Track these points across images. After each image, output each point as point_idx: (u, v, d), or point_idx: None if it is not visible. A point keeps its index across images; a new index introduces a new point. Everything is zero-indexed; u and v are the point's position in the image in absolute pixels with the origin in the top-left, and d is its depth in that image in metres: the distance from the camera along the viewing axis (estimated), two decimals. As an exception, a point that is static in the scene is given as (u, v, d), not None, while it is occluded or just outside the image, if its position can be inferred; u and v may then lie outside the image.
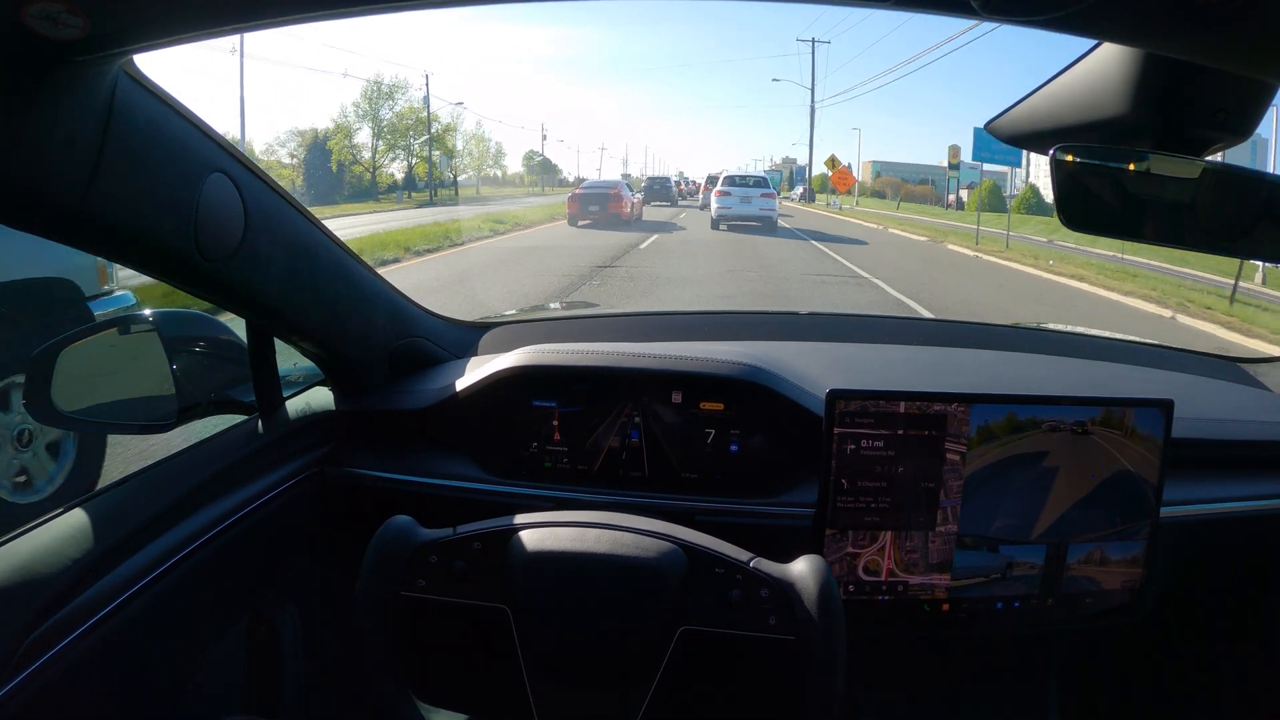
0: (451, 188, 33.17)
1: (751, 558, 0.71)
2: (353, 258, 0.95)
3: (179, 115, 0.65)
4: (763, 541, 0.80)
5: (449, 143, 35.81)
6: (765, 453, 0.98)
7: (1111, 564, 0.85)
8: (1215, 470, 1.03)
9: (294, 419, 0.97)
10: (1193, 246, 0.68)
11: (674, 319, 1.45)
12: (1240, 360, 1.35)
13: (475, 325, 1.31)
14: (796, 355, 1.11)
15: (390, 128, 32.69)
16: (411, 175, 32.70)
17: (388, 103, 32.56)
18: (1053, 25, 0.42)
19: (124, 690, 0.72)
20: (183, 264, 0.70)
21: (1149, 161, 0.64)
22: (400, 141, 32.99)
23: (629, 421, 0.99)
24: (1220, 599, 1.11)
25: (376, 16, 0.49)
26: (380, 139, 32.35)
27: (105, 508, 0.73)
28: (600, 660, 0.70)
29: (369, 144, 32.18)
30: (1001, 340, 1.39)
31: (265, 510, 0.89)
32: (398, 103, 32.71)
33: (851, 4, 0.47)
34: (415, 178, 32.76)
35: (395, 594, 0.71)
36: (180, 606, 0.77)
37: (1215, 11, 0.40)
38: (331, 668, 1.04)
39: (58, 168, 0.55)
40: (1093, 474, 0.83)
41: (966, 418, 0.82)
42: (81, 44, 0.48)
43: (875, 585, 0.84)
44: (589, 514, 0.76)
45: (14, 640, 0.61)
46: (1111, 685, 1.16)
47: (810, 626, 0.67)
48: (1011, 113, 0.72)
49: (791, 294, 7.84)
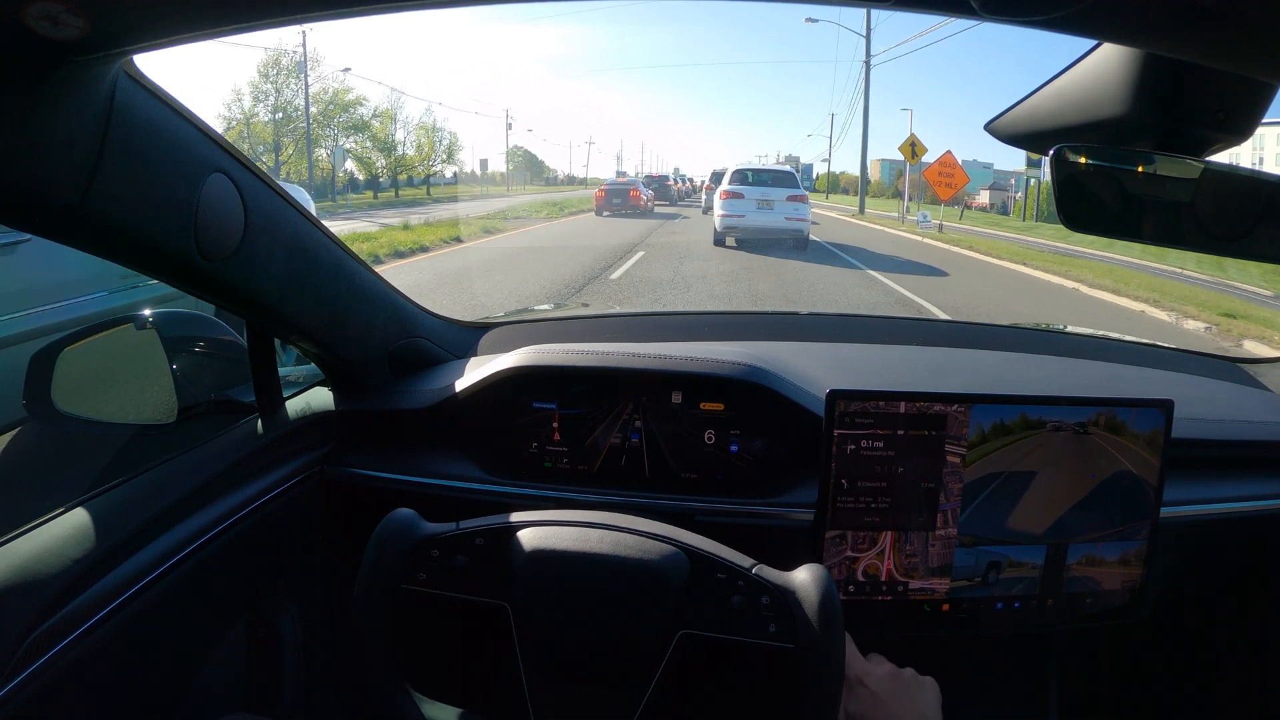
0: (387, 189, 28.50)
1: (754, 564, 0.71)
2: (353, 258, 0.95)
3: (179, 115, 0.65)
4: (762, 542, 0.80)
5: (380, 132, 29.61)
6: (765, 453, 0.98)
7: (1111, 564, 0.85)
8: (1215, 470, 1.03)
9: (294, 419, 0.97)
10: (1193, 247, 0.68)
11: (674, 319, 1.45)
12: (1240, 360, 1.35)
13: (475, 325, 1.31)
14: (797, 355, 1.11)
15: (291, 114, 26.25)
16: (330, 175, 27.86)
17: (291, 82, 26.28)
18: (1053, 25, 0.42)
19: (124, 690, 0.72)
20: (182, 264, 0.70)
21: (1149, 162, 0.65)
22: (319, 132, 27.18)
23: (629, 422, 0.99)
24: (1220, 599, 1.11)
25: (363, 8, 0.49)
26: (285, 131, 26.25)
27: (105, 508, 0.73)
28: (598, 660, 0.70)
29: (269, 136, 26.08)
30: (1002, 341, 1.39)
31: (265, 510, 0.89)
32: (310, 83, 26.40)
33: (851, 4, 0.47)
34: (355, 178, 28.79)
35: (396, 587, 0.71)
36: (181, 606, 0.77)
37: (1215, 11, 0.40)
38: (332, 667, 1.04)
39: (57, 168, 0.55)
40: (1093, 474, 0.83)
41: (967, 418, 0.82)
42: (81, 44, 0.48)
43: (875, 587, 0.84)
44: (592, 514, 0.76)
45: (14, 640, 0.61)
46: (1111, 685, 1.16)
47: (810, 635, 0.67)
48: (1011, 113, 0.72)
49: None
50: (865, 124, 28.41)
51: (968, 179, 16.73)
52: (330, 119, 28.46)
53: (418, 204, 23.41)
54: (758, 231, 11.18)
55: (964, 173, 15.62)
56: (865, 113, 28.21)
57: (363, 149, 29.88)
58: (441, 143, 32.46)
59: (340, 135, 28.84)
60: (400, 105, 41.38)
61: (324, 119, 28.23)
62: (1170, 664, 1.16)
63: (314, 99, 27.45)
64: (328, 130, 28.43)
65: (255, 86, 26.65)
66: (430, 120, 41.56)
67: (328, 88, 28.04)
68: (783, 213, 11.17)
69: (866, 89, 25.50)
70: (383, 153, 30.16)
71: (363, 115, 29.31)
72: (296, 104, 26.87)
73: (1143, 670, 1.16)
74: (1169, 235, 0.67)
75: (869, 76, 25.47)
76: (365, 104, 29.34)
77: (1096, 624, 0.87)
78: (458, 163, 35.06)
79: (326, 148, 28.25)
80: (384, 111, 30.46)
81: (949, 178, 15.26)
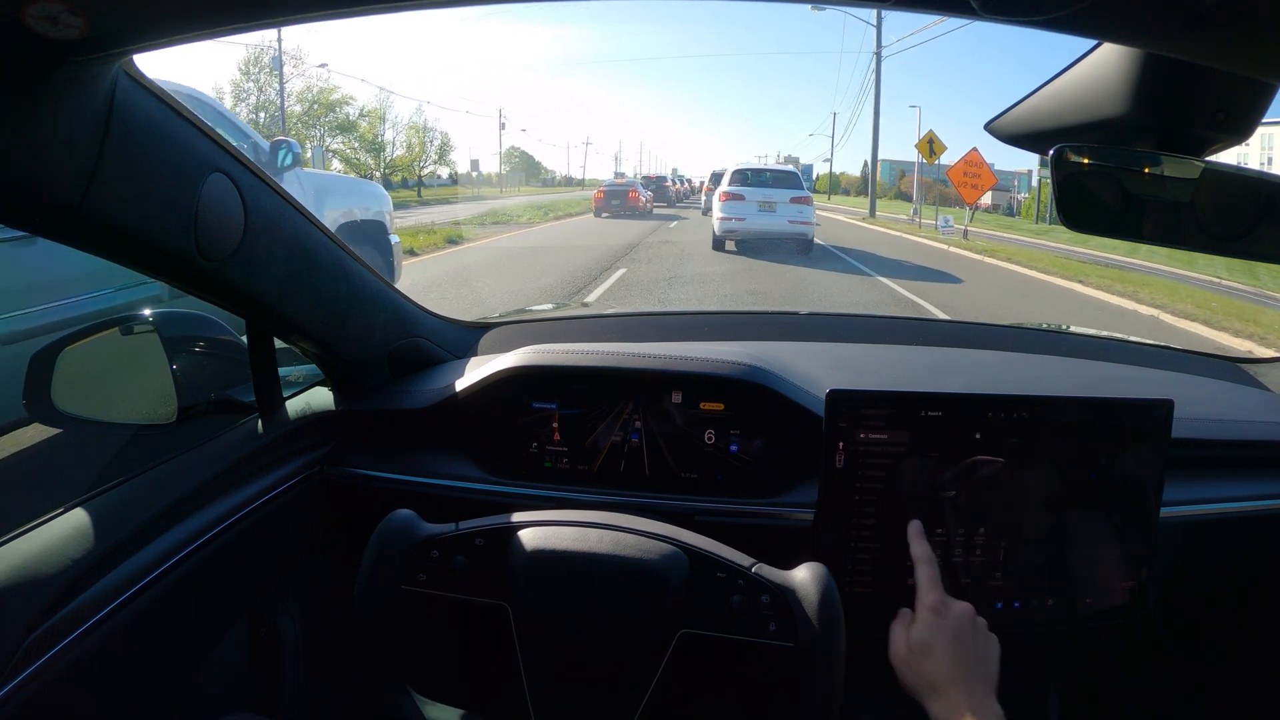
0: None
1: (753, 563, 0.71)
2: (353, 258, 0.95)
3: (179, 115, 0.65)
4: (762, 542, 0.80)
5: (368, 132, 28.69)
6: (765, 453, 0.98)
7: (1111, 564, 0.85)
8: (1215, 470, 1.03)
9: (294, 419, 0.98)
10: (1192, 247, 0.68)
11: (674, 319, 1.45)
12: (1240, 360, 1.35)
13: (475, 325, 1.31)
14: (797, 355, 1.11)
15: (274, 113, 24.73)
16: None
17: (275, 80, 25.17)
18: (1053, 25, 0.42)
19: (124, 690, 0.72)
20: (182, 264, 0.70)
21: (1149, 162, 0.65)
22: (305, 132, 25.83)
23: (629, 421, 0.99)
24: (1220, 599, 1.11)
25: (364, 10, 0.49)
26: (267, 130, 23.29)
27: (105, 508, 0.73)
28: (599, 660, 0.70)
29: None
30: (1002, 340, 1.39)
31: (265, 510, 0.89)
32: (292, 80, 25.37)
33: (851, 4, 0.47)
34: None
35: (396, 588, 0.71)
36: (181, 606, 0.77)
37: (1215, 12, 0.40)
38: (332, 667, 1.04)
39: (57, 167, 0.55)
40: (1093, 474, 0.83)
41: (967, 418, 0.82)
42: (81, 44, 0.48)
43: (875, 586, 0.84)
44: (592, 514, 0.76)
45: (14, 640, 0.61)
46: (1111, 685, 1.16)
47: (810, 634, 0.67)
48: (1011, 113, 0.72)
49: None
50: (876, 117, 24.84)
51: (995, 180, 15.35)
52: (315, 119, 27.63)
53: (405, 206, 22.63)
54: (759, 235, 10.56)
55: (991, 173, 14.26)
56: (876, 106, 24.35)
57: (350, 149, 28.80)
58: (433, 143, 31.46)
59: (326, 135, 27.83)
60: (389, 104, 40.04)
61: (309, 118, 27.36)
62: (1170, 664, 1.15)
63: (298, 98, 26.80)
64: (314, 130, 27.54)
65: (237, 85, 26.00)
66: (421, 120, 38.52)
67: (312, 86, 27.33)
68: (786, 215, 10.56)
69: (878, 80, 23.80)
70: (371, 153, 29.34)
71: (349, 115, 28.51)
72: (280, 103, 26.18)
73: (1143, 670, 1.16)
74: (1169, 235, 0.67)
75: (880, 68, 23.84)
76: (352, 103, 28.58)
77: (1096, 624, 0.87)
78: (449, 163, 33.78)
79: (310, 148, 27.15)
80: (371, 111, 29.53)
81: (975, 178, 13.92)
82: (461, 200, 29.46)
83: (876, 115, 24.25)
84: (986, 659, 0.72)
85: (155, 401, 0.87)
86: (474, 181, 41.29)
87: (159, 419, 0.87)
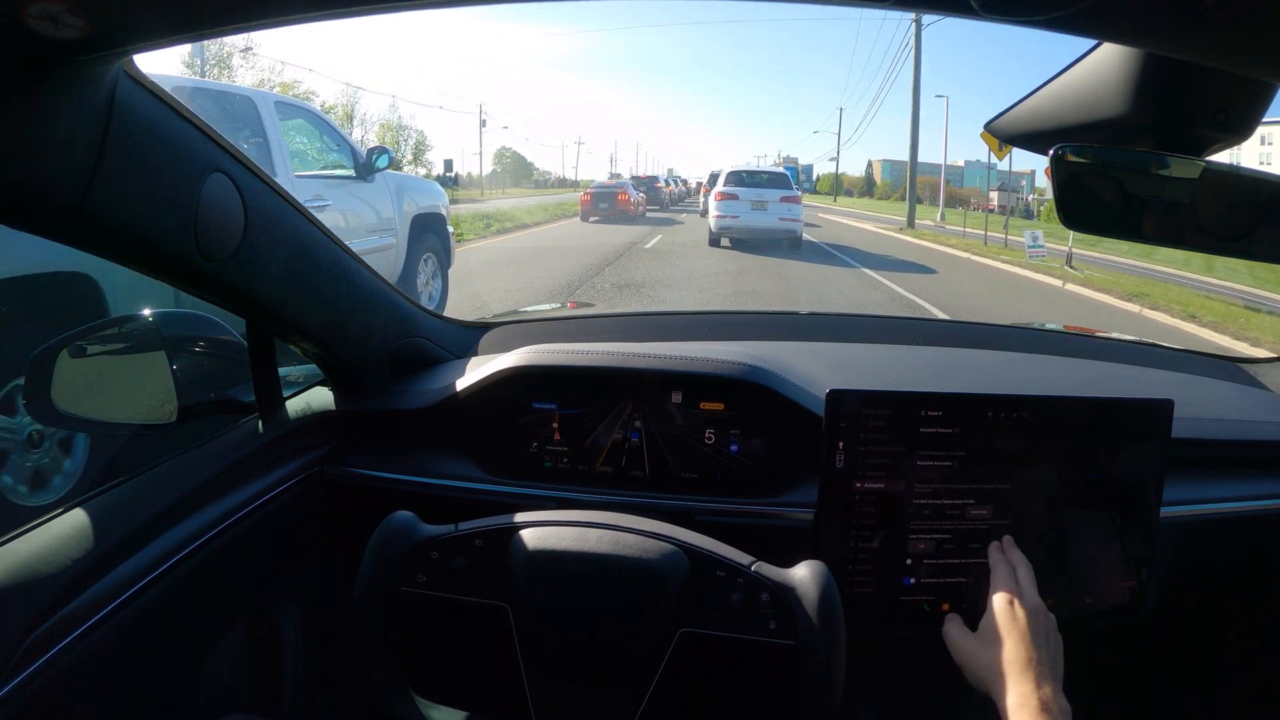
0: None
1: (753, 561, 0.71)
2: (353, 258, 0.95)
3: (179, 115, 0.65)
4: (762, 542, 0.80)
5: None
6: (765, 453, 0.98)
7: (1112, 564, 0.85)
8: (1215, 470, 1.03)
9: (294, 419, 0.98)
10: (1193, 247, 0.68)
11: (674, 319, 1.45)
12: (1240, 360, 1.35)
13: (475, 325, 1.31)
14: (797, 355, 1.11)
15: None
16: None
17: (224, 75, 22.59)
18: (1053, 25, 0.42)
19: (124, 690, 0.72)
20: (182, 264, 0.70)
21: (1149, 162, 0.65)
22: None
23: (629, 421, 0.99)
24: (1220, 599, 1.11)
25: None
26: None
27: (105, 508, 0.73)
28: (599, 660, 0.70)
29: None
30: (1002, 340, 1.39)
31: (265, 510, 0.89)
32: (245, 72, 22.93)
33: (851, 4, 0.47)
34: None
35: (395, 589, 0.71)
36: (181, 606, 0.77)
37: (1215, 11, 0.40)
38: (332, 667, 1.04)
39: (57, 167, 0.55)
40: (1093, 474, 0.83)
41: (967, 418, 0.81)
42: (81, 44, 0.48)
43: (875, 586, 0.84)
44: (591, 514, 0.76)
45: (14, 640, 0.61)
46: (1111, 685, 1.16)
47: (810, 632, 0.67)
48: (1011, 113, 0.72)
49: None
50: (915, 99, 19.50)
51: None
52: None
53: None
54: (752, 232, 11.31)
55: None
56: (915, 87, 19.43)
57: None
58: (407, 141, 29.21)
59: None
60: (357, 100, 35.99)
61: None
62: (1171, 664, 1.15)
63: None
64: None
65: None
66: (395, 118, 36.17)
67: (267, 80, 25.74)
68: (776, 213, 11.33)
69: (917, 58, 19.55)
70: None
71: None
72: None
73: (1143, 670, 1.16)
74: (1169, 235, 0.67)
75: (920, 40, 19.33)
76: (314, 98, 26.68)
77: (1096, 624, 0.87)
78: (425, 164, 31.02)
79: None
80: (330, 107, 27.06)
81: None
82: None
83: (916, 99, 20.14)
84: (1056, 657, 0.72)
85: (155, 401, 0.87)
86: (446, 183, 39.95)
87: (159, 419, 0.87)
